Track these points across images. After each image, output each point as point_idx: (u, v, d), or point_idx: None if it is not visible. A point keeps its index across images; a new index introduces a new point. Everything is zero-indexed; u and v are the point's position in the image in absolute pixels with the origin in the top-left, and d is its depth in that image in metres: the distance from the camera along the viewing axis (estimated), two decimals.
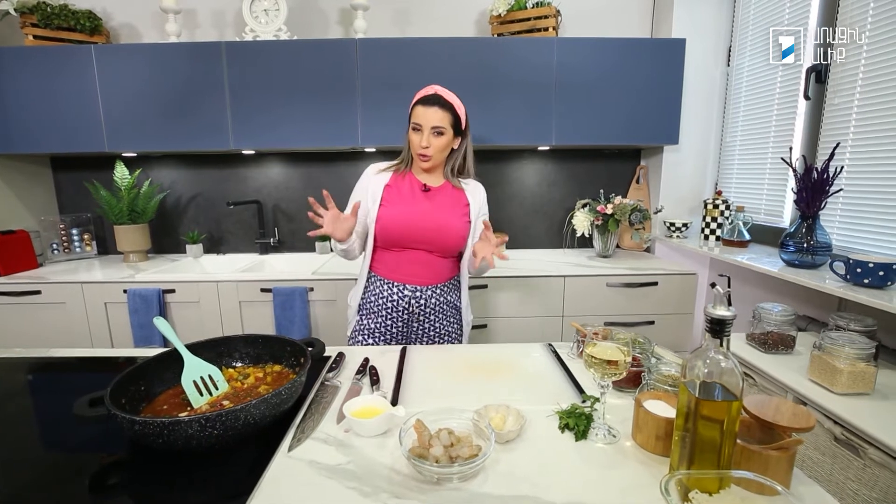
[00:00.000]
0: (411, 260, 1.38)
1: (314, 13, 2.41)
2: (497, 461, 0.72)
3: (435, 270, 1.39)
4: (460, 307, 1.49)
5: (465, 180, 1.45)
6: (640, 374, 0.92)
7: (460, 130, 1.38)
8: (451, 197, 1.41)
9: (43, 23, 2.11)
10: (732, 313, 0.60)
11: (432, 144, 1.32)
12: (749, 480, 0.60)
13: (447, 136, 1.33)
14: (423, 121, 1.30)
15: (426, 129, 1.30)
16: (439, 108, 1.31)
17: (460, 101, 1.37)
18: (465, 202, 1.42)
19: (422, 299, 1.38)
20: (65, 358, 1.20)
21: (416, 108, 1.32)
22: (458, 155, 1.42)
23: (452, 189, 1.43)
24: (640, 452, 0.75)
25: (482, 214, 1.44)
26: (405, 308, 1.38)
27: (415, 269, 1.38)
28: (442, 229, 1.36)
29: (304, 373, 0.87)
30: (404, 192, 1.39)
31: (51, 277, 2.03)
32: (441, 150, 1.35)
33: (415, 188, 1.40)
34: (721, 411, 0.61)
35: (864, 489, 1.01)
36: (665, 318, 2.10)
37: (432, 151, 1.33)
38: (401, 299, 1.38)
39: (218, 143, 2.17)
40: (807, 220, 1.56)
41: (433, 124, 1.30)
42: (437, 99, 1.31)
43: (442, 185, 1.42)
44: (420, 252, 1.38)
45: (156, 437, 0.71)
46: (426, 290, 1.39)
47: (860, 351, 1.13)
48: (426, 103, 1.31)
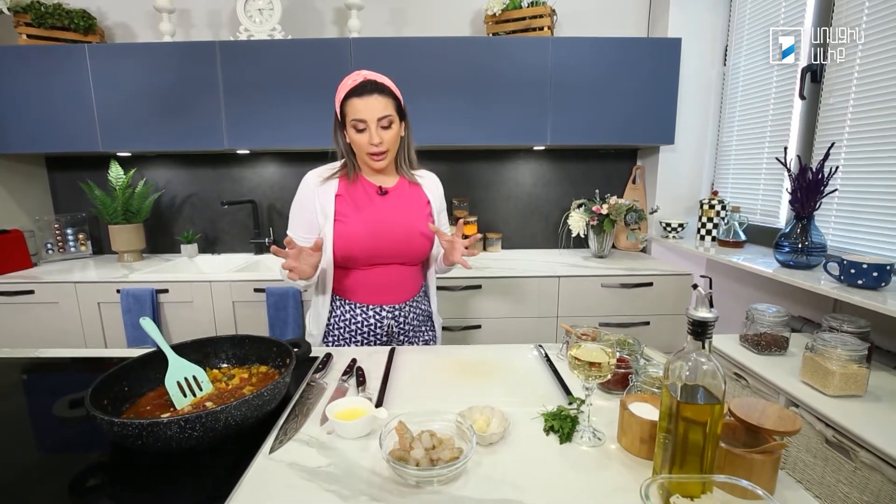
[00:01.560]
0: (382, 277, 1.23)
1: (309, 13, 2.40)
2: (479, 464, 0.72)
3: (409, 283, 1.27)
4: (431, 313, 1.38)
5: (419, 172, 1.30)
6: (627, 375, 0.91)
7: (403, 115, 1.21)
8: (410, 196, 1.27)
9: (37, 22, 2.11)
10: (714, 315, 0.59)
11: (384, 139, 1.14)
12: (732, 485, 0.59)
13: (396, 124, 1.16)
14: (366, 114, 1.11)
15: (371, 122, 1.12)
16: (380, 95, 1.12)
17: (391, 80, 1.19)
18: (426, 199, 1.29)
19: (401, 317, 1.26)
20: (53, 358, 1.19)
21: (351, 101, 1.12)
22: (406, 143, 1.26)
23: (409, 186, 1.28)
24: (624, 455, 0.74)
25: (443, 209, 1.34)
26: (385, 332, 1.26)
27: (388, 286, 1.24)
28: (410, 237, 1.22)
29: (287, 374, 0.87)
30: (359, 201, 1.22)
31: (44, 277, 2.03)
32: (394, 142, 1.18)
33: (370, 193, 1.23)
34: (703, 414, 0.60)
35: (856, 492, 1.00)
36: (660, 318, 2.09)
37: (386, 146, 1.15)
38: (378, 323, 1.25)
39: (212, 142, 2.16)
40: (802, 221, 1.55)
41: (379, 115, 1.12)
42: (374, 86, 1.12)
43: (397, 183, 1.27)
44: (391, 266, 1.23)
45: (135, 439, 0.70)
46: (405, 307, 1.26)
47: (852, 352, 1.12)
48: (362, 93, 1.11)
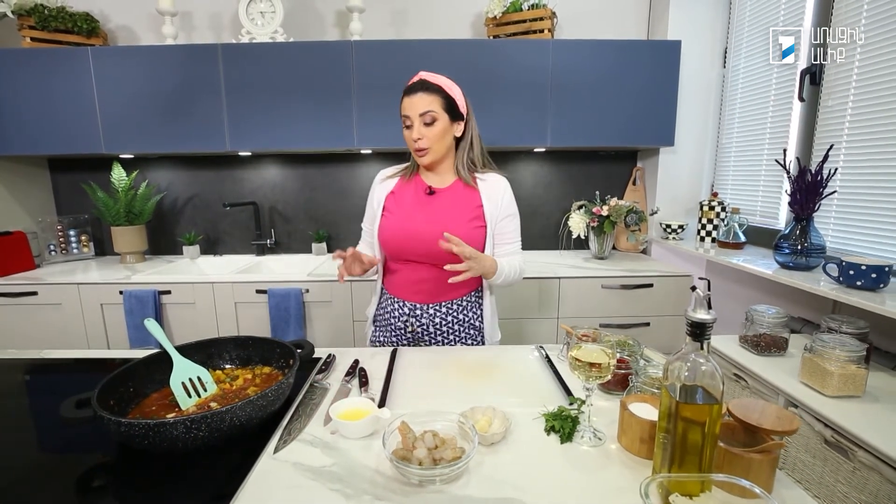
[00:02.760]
0: (413, 275, 1.25)
1: (310, 15, 2.42)
2: (481, 463, 0.73)
3: (440, 287, 1.24)
4: (481, 326, 1.32)
5: (483, 175, 1.28)
6: (627, 376, 0.92)
7: (458, 114, 1.21)
8: (461, 199, 1.25)
9: (40, 25, 2.12)
10: (712, 317, 0.60)
11: (425, 135, 1.17)
12: (731, 483, 0.60)
13: (441, 121, 1.17)
14: (409, 111, 1.17)
15: (414, 119, 1.16)
16: (424, 93, 1.16)
17: (452, 82, 1.22)
18: (478, 203, 1.24)
19: (423, 318, 1.26)
20: (58, 359, 1.20)
21: (402, 101, 1.20)
22: (465, 144, 1.25)
23: (464, 189, 1.26)
24: (624, 455, 0.75)
25: (505, 216, 1.26)
26: (403, 328, 1.28)
27: (416, 285, 1.25)
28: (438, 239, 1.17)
29: (291, 374, 0.88)
30: (406, 199, 1.26)
31: (47, 278, 2.04)
32: (438, 140, 1.19)
33: (419, 193, 1.26)
34: (702, 414, 0.61)
35: (854, 492, 1.01)
36: (660, 319, 2.09)
37: (427, 143, 1.18)
38: (399, 317, 1.28)
39: (214, 144, 2.17)
40: (801, 223, 1.56)
41: (420, 111, 1.16)
42: (420, 84, 1.17)
43: (451, 185, 1.27)
44: (423, 266, 1.24)
45: (142, 439, 0.71)
46: (427, 309, 1.26)
47: (851, 353, 1.12)
48: (410, 92, 1.18)
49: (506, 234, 1.28)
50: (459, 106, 1.21)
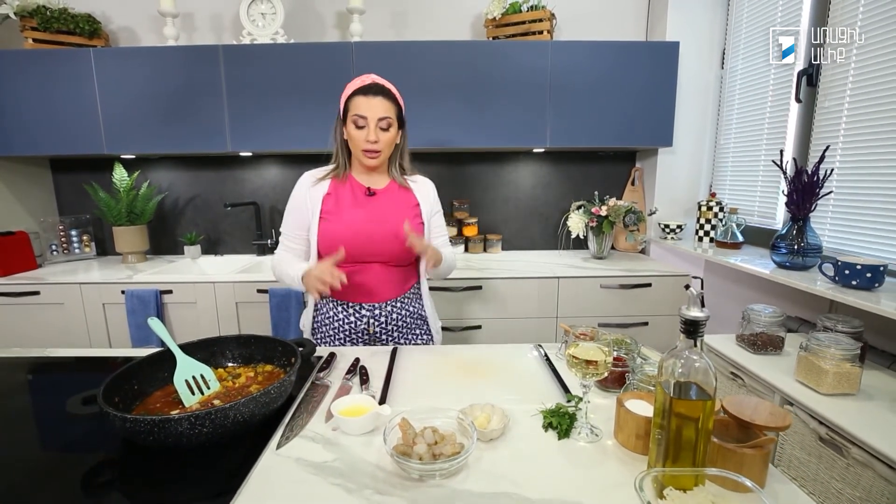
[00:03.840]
0: (364, 275, 1.25)
1: (311, 17, 2.43)
2: (480, 459, 0.74)
3: (392, 283, 1.28)
4: (425, 315, 1.38)
5: (412, 178, 1.35)
6: (624, 374, 0.94)
7: (402, 122, 1.28)
8: (399, 198, 1.30)
9: (43, 26, 2.14)
10: (705, 314, 0.61)
11: (381, 139, 1.19)
12: (724, 478, 0.61)
13: (394, 128, 1.22)
14: (368, 112, 1.17)
15: (372, 121, 1.18)
16: (384, 99, 1.18)
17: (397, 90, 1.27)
18: (415, 202, 1.31)
19: (381, 317, 1.28)
20: (62, 357, 1.22)
21: (356, 98, 1.18)
22: (401, 149, 1.32)
23: (399, 189, 1.31)
24: (620, 451, 0.76)
25: (435, 212, 1.35)
26: (364, 330, 1.28)
27: (370, 285, 1.26)
28: (392, 236, 1.23)
29: (293, 372, 0.89)
30: (346, 200, 1.26)
31: (49, 278, 2.05)
32: (389, 145, 1.23)
33: (357, 194, 1.28)
34: (696, 410, 0.62)
35: (848, 488, 1.02)
36: (659, 319, 2.11)
37: (381, 146, 1.20)
38: (358, 321, 1.27)
39: (215, 145, 2.19)
40: (798, 223, 1.58)
41: (380, 115, 1.18)
42: (379, 88, 1.19)
43: (387, 185, 1.31)
44: (373, 265, 1.26)
45: (146, 435, 0.73)
46: (385, 307, 1.28)
47: (845, 352, 1.14)
48: (368, 93, 1.18)
49: (438, 229, 1.39)
50: (404, 114, 1.28)
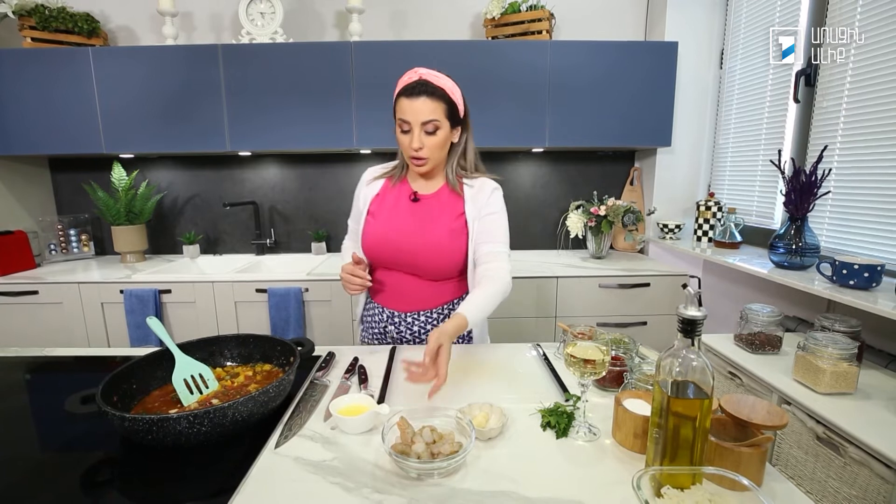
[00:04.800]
0: (394, 282, 1.21)
1: (310, 16, 2.43)
2: (478, 458, 0.74)
3: (419, 295, 1.20)
4: (469, 335, 1.25)
5: (471, 181, 1.20)
6: (622, 373, 0.94)
7: (458, 120, 1.13)
8: (444, 206, 1.18)
9: (41, 25, 2.13)
10: (703, 314, 0.61)
11: (426, 145, 1.09)
12: (721, 476, 0.61)
13: (443, 130, 1.10)
14: (410, 116, 1.07)
15: (415, 126, 1.07)
16: (428, 98, 1.07)
17: (454, 83, 1.13)
18: (461, 210, 1.16)
19: (401, 325, 1.22)
20: (60, 357, 1.22)
21: (400, 100, 1.09)
22: (459, 149, 1.18)
23: (449, 195, 1.19)
24: (618, 450, 0.76)
25: (488, 213, 1.17)
26: (382, 333, 1.25)
27: (395, 291, 1.22)
28: (425, 249, 1.14)
29: (292, 371, 0.89)
30: (390, 204, 1.21)
31: (48, 278, 2.05)
32: (439, 149, 1.12)
33: (403, 198, 1.21)
34: (693, 409, 0.63)
35: (845, 487, 1.03)
36: (657, 318, 2.11)
37: (428, 153, 1.10)
38: (378, 322, 1.25)
39: (215, 144, 2.18)
40: (796, 222, 1.58)
41: (423, 119, 1.07)
42: (423, 87, 1.07)
43: (437, 190, 1.20)
44: (404, 274, 1.20)
45: (145, 434, 0.73)
46: (405, 317, 1.21)
47: (843, 351, 1.14)
48: (411, 94, 1.07)
49: (488, 232, 1.17)
50: (460, 111, 1.13)
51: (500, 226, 1.19)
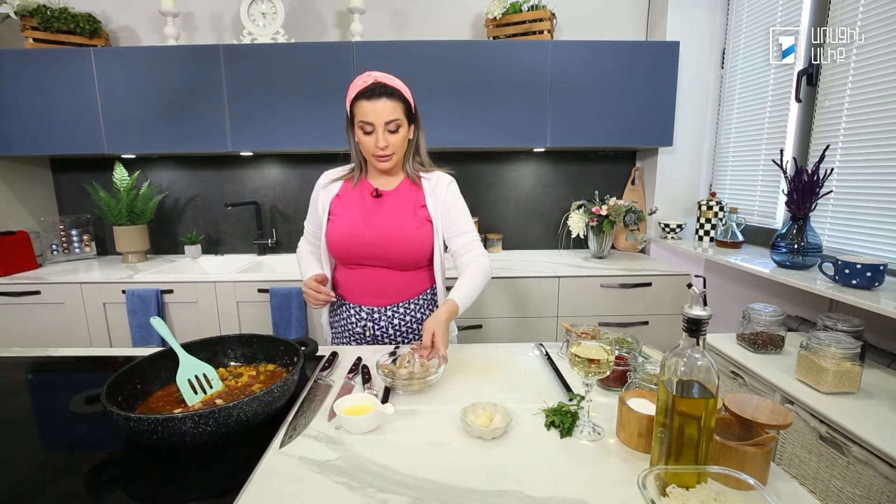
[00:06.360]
0: (367, 278, 1.25)
1: (311, 16, 2.43)
2: (483, 457, 0.74)
3: (394, 288, 1.25)
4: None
5: (427, 174, 1.27)
6: (626, 373, 0.94)
7: (413, 117, 1.22)
8: (406, 199, 1.25)
9: (43, 26, 2.13)
10: (708, 313, 0.61)
11: (390, 143, 1.15)
12: (726, 475, 0.61)
13: (404, 128, 1.17)
14: (373, 117, 1.12)
15: (379, 126, 1.13)
16: (388, 99, 1.13)
17: (403, 83, 1.20)
18: (422, 203, 1.24)
19: (381, 321, 1.26)
20: (63, 357, 1.22)
21: (360, 103, 1.14)
22: (414, 145, 1.26)
23: (409, 188, 1.26)
24: (622, 449, 0.76)
25: (449, 207, 1.25)
26: (361, 333, 1.28)
27: (370, 287, 1.25)
28: (393, 241, 1.20)
29: (296, 371, 0.89)
30: (352, 203, 1.26)
31: (50, 278, 2.05)
32: (401, 146, 1.20)
33: (365, 196, 1.26)
34: (698, 408, 0.63)
35: (848, 486, 1.03)
36: (659, 318, 2.11)
37: (392, 150, 1.17)
38: (357, 322, 1.27)
39: (216, 144, 2.19)
40: (798, 222, 1.58)
41: (387, 119, 1.13)
42: (382, 88, 1.13)
43: (398, 185, 1.27)
44: (377, 269, 1.24)
45: (150, 434, 0.73)
46: (385, 311, 1.25)
47: (846, 351, 1.14)
48: (371, 96, 1.12)
49: (455, 226, 1.26)
50: (413, 108, 1.21)
51: (463, 217, 1.28)
